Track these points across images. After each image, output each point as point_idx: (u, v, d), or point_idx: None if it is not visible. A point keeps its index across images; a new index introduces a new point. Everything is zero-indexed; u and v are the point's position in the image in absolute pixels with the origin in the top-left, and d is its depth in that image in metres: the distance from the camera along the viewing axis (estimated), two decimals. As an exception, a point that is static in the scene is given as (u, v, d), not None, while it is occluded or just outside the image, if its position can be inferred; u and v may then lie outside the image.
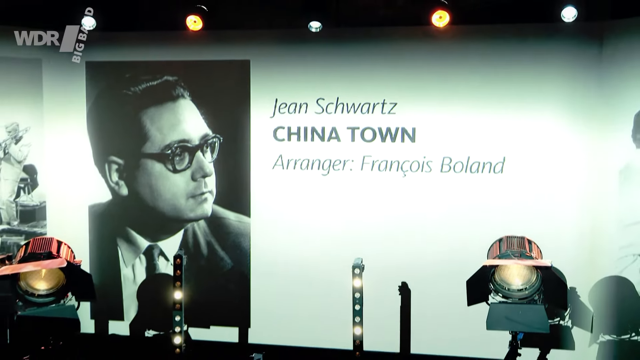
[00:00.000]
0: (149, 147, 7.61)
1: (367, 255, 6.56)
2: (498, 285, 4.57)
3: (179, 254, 5.18)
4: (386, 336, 7.21)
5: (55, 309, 4.04)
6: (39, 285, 4.06)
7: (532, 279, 4.55)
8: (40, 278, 4.04)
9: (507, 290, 4.58)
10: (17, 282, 3.96)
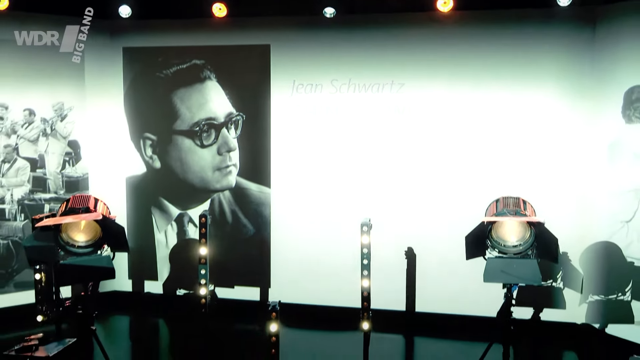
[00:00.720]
0: (179, 124, 7.94)
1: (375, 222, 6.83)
2: (494, 242, 4.65)
3: (204, 213, 5.46)
4: (393, 295, 7.48)
5: (93, 259, 4.31)
6: (78, 237, 4.33)
7: (526, 235, 4.61)
8: (79, 231, 4.33)
9: (502, 247, 4.65)
10: (59, 233, 4.25)
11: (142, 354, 7.21)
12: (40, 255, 4.28)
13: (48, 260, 4.46)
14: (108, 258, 4.41)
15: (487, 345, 5.20)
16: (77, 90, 7.87)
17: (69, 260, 4.31)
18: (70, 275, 4.32)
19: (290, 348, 7.09)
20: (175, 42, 7.90)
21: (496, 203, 4.78)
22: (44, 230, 4.22)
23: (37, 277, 5.01)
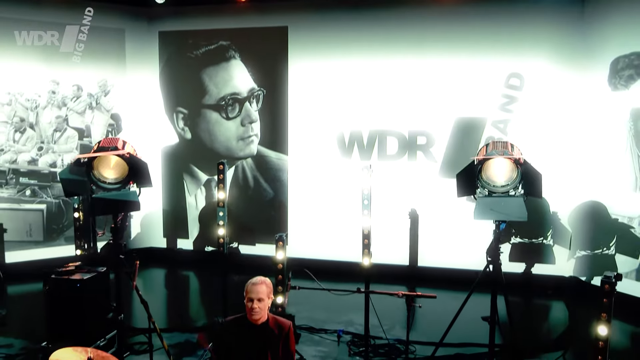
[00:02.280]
0: (208, 99, 8.02)
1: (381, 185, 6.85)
2: (484, 182, 4.49)
3: (222, 161, 5.44)
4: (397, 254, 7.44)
5: (121, 193, 4.36)
6: (107, 174, 4.37)
7: (513, 175, 4.40)
8: (109, 168, 4.38)
9: (492, 187, 4.51)
10: (92, 170, 4.32)
11: (174, 300, 7.32)
12: (74, 187, 4.36)
13: (81, 193, 4.53)
14: (134, 193, 4.45)
15: (481, 295, 4.98)
16: (119, 69, 8.01)
17: (100, 195, 4.37)
18: (101, 207, 4.38)
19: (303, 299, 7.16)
20: (204, 25, 7.99)
21: (486, 146, 4.64)
22: (78, 165, 4.30)
23: (76, 215, 5.10)
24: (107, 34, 7.88)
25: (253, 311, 3.24)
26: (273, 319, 3.39)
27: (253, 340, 3.29)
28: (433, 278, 7.16)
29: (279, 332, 3.36)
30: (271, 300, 3.35)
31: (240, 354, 3.28)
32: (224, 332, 3.36)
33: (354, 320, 5.87)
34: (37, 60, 7.41)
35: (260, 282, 3.29)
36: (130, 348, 5.17)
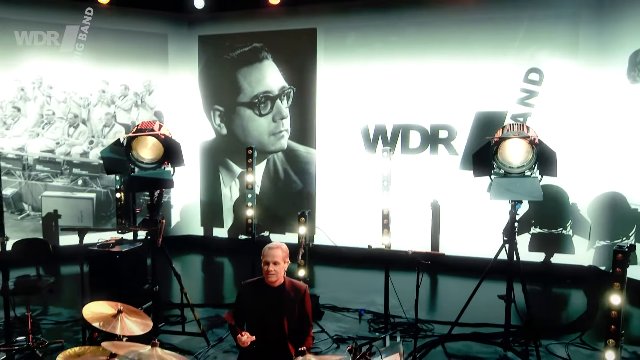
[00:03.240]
0: (242, 97, 8.10)
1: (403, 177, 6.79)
2: (500, 163, 4.33)
3: (251, 146, 5.47)
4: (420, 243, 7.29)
5: (157, 172, 4.45)
6: (144, 154, 4.46)
7: (529, 157, 4.24)
8: (146, 149, 4.48)
9: (507, 167, 4.36)
10: (130, 151, 4.42)
11: (209, 282, 7.38)
12: (114, 165, 4.47)
13: (120, 171, 4.63)
14: (169, 172, 4.54)
15: (500, 282, 4.80)
16: (161, 70, 8.19)
17: (138, 173, 4.46)
18: (139, 184, 4.47)
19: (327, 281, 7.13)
20: (239, 29, 8.09)
21: (502, 128, 4.49)
22: (118, 145, 4.41)
23: (118, 195, 5.21)
24: (152, 39, 8.08)
25: (269, 274, 3.23)
26: (289, 282, 3.37)
27: (270, 301, 3.27)
28: (454, 266, 6.98)
29: (295, 295, 3.34)
30: (287, 264, 3.33)
31: (257, 314, 3.26)
32: (243, 294, 3.35)
33: (376, 301, 5.77)
34: (90, 62, 7.65)
35: (276, 246, 3.28)
36: (166, 319, 5.24)
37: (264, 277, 3.28)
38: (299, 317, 3.32)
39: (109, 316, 2.93)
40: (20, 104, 7.40)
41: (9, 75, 7.28)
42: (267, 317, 3.24)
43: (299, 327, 3.30)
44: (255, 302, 3.27)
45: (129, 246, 4.78)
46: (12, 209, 7.42)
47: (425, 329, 5.18)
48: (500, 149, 4.38)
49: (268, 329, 3.22)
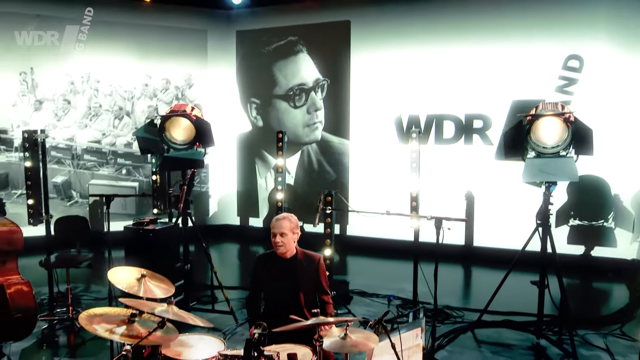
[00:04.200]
0: (277, 90, 8.12)
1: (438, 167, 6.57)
2: (533, 144, 4.10)
3: (281, 130, 5.44)
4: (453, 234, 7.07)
5: (189, 152, 4.50)
6: (177, 136, 4.53)
7: (564, 136, 3.95)
8: (179, 129, 4.54)
9: (541, 148, 4.10)
10: (164, 132, 4.50)
11: (245, 269, 7.41)
12: (148, 145, 4.55)
13: (154, 151, 4.70)
14: (200, 153, 4.58)
15: (534, 273, 4.54)
16: (201, 64, 8.33)
17: (170, 153, 4.52)
18: (171, 164, 4.53)
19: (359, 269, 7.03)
20: (275, 23, 8.12)
21: (535, 108, 4.24)
22: (151, 125, 4.48)
23: (154, 178, 5.30)
24: (192, 34, 8.24)
25: (277, 245, 3.18)
26: (302, 253, 3.30)
27: (283, 273, 3.21)
28: (488, 258, 6.74)
29: (309, 265, 3.27)
30: (297, 235, 3.25)
31: (272, 286, 3.21)
32: (258, 266, 3.31)
33: (405, 288, 5.62)
34: (134, 57, 7.88)
35: (283, 217, 3.23)
36: (198, 299, 5.28)
37: (274, 250, 3.24)
38: (315, 287, 3.25)
39: (133, 279, 2.95)
40: (70, 97, 7.70)
41: (61, 70, 7.58)
42: (282, 288, 3.19)
43: (316, 298, 3.23)
44: (269, 274, 3.22)
45: (161, 225, 4.85)
46: (62, 196, 7.72)
47: (455, 315, 4.98)
48: (533, 128, 4.15)
49: (284, 300, 3.16)
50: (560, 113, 4.02)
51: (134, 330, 2.59)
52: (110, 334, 2.51)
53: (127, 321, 2.65)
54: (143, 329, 2.60)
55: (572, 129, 4.02)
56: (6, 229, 3.59)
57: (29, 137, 4.68)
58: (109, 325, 2.59)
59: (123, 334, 2.54)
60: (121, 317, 2.67)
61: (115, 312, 2.74)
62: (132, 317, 2.66)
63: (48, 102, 7.58)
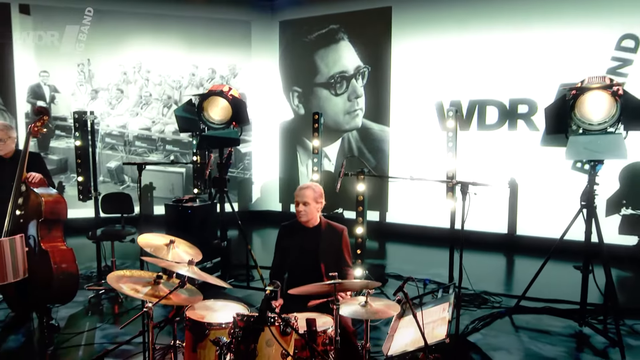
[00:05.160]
0: (319, 78, 8.05)
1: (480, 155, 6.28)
2: (578, 120, 3.78)
3: (317, 112, 5.36)
4: (496, 222, 6.79)
5: (225, 132, 4.52)
6: (214, 115, 4.57)
7: (612, 111, 3.64)
8: (216, 109, 4.57)
9: (587, 125, 3.76)
10: (202, 112, 4.54)
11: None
12: (186, 124, 4.60)
13: (192, 130, 4.76)
14: (236, 132, 4.58)
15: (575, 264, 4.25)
16: (245, 54, 8.39)
17: (208, 133, 4.56)
18: (209, 142, 4.57)
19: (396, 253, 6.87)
20: (316, 12, 8.05)
21: (582, 82, 3.93)
22: (190, 104, 4.53)
23: (194, 159, 5.37)
24: (236, 25, 8.31)
25: (299, 214, 3.13)
26: (326, 223, 3.23)
27: (305, 241, 3.16)
28: (532, 247, 6.39)
29: (332, 235, 3.19)
30: (320, 204, 3.17)
31: (294, 254, 3.16)
32: (280, 235, 3.27)
33: (442, 274, 5.41)
34: (181, 48, 8.05)
35: (307, 186, 3.15)
36: (236, 277, 5.31)
37: (297, 218, 3.18)
38: (337, 258, 3.16)
39: (161, 245, 2.97)
40: (123, 87, 7.96)
41: (115, 61, 7.85)
42: (304, 256, 3.14)
43: (337, 269, 3.13)
44: (291, 242, 3.18)
45: (199, 203, 4.90)
46: (115, 180, 8.01)
47: (492, 300, 4.74)
48: (578, 104, 3.84)
49: (306, 270, 3.09)
50: (607, 85, 3.70)
51: (159, 291, 2.61)
52: (135, 293, 2.53)
53: (152, 282, 2.67)
54: (167, 290, 2.61)
55: (620, 104, 3.69)
56: (52, 199, 3.72)
57: (79, 118, 4.84)
58: (135, 285, 2.62)
59: (147, 293, 2.56)
60: (147, 279, 2.70)
61: (142, 274, 2.76)
62: (158, 279, 2.68)
63: (103, 91, 7.88)
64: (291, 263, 3.17)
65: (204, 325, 2.63)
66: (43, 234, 3.66)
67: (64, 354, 3.63)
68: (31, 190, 3.70)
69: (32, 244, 3.63)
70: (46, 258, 3.60)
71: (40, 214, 3.64)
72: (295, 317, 2.34)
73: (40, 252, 3.62)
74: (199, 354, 2.67)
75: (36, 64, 7.54)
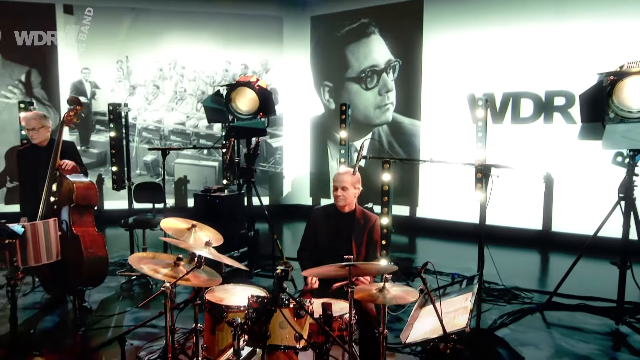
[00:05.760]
0: (349, 72, 7.97)
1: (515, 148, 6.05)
2: (615, 108, 3.56)
3: (345, 102, 5.30)
4: (530, 218, 6.55)
5: (252, 122, 4.53)
6: (242, 106, 4.59)
7: None
8: (244, 99, 4.58)
9: (626, 112, 3.54)
10: (230, 103, 4.56)
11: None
12: (215, 115, 4.63)
13: (220, 120, 4.78)
14: (263, 122, 4.58)
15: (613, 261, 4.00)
16: (277, 50, 8.40)
17: (236, 123, 4.57)
18: (237, 132, 4.58)
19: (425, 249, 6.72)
20: (347, 7, 7.97)
21: (620, 67, 3.71)
22: (218, 95, 4.55)
23: (224, 151, 5.40)
24: (269, 21, 8.33)
25: (337, 198, 3.09)
26: (361, 211, 3.19)
27: (339, 225, 3.13)
28: (568, 244, 6.09)
29: (365, 223, 3.14)
30: (358, 190, 3.13)
31: (326, 237, 3.13)
32: (313, 218, 3.24)
33: (471, 268, 5.24)
34: (215, 44, 8.14)
35: (345, 171, 3.11)
36: (262, 267, 5.31)
37: (334, 202, 3.15)
38: (367, 246, 3.11)
39: (183, 229, 2.98)
40: (159, 82, 8.13)
41: (151, 57, 8.03)
42: (336, 240, 3.10)
43: (366, 257, 3.09)
44: (324, 226, 3.16)
45: (226, 193, 4.92)
46: (151, 173, 8.18)
47: (523, 296, 4.54)
48: (616, 90, 3.63)
49: (336, 254, 3.03)
50: (647, 70, 3.47)
51: (178, 272, 2.61)
52: (154, 273, 2.54)
53: (172, 264, 2.68)
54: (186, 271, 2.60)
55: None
56: (83, 185, 3.81)
57: (113, 110, 4.95)
58: (155, 266, 2.63)
59: (166, 274, 2.56)
60: (168, 261, 2.71)
61: (164, 257, 2.78)
62: (178, 261, 2.68)
63: (140, 87, 8.06)
64: (321, 245, 3.14)
65: (222, 308, 2.62)
66: (75, 219, 3.76)
67: (94, 335, 3.71)
68: (64, 177, 3.80)
69: (64, 228, 3.73)
70: (77, 242, 3.69)
71: (71, 200, 3.74)
72: (311, 301, 2.28)
73: (71, 236, 3.71)
74: (217, 336, 2.66)
75: (78, 61, 7.80)
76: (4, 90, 7.56)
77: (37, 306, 4.19)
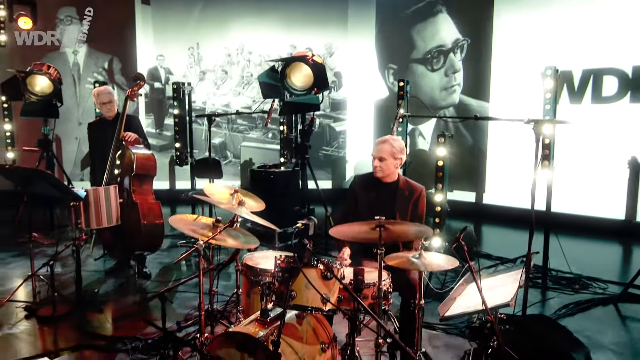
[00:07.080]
0: (415, 54, 7.67)
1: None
2: None
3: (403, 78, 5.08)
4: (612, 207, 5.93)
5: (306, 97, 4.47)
6: (296, 82, 4.55)
7: None
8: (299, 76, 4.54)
9: None
10: (285, 78, 4.53)
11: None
12: (269, 90, 4.63)
13: (275, 95, 4.77)
14: (317, 97, 4.51)
15: None
16: (341, 33, 8.29)
17: (290, 99, 4.54)
18: (290, 108, 4.56)
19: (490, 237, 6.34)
20: (414, -15, 7.64)
21: None
22: (273, 71, 4.54)
23: (281, 128, 5.41)
24: (333, 4, 8.23)
25: (375, 169, 2.93)
26: (405, 181, 3.00)
27: (381, 195, 2.96)
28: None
29: (409, 193, 2.95)
30: (398, 161, 2.93)
31: (368, 207, 2.97)
32: (354, 185, 3.11)
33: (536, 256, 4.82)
34: (280, 28, 8.19)
35: (384, 140, 2.93)
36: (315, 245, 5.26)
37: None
38: (412, 217, 2.91)
39: (226, 194, 2.98)
40: (227, 68, 8.33)
41: (220, 44, 8.24)
42: (378, 209, 2.91)
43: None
44: (366, 195, 3.00)
45: (284, 169, 4.91)
46: (219, 156, 8.43)
47: (595, 285, 4.10)
48: None
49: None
50: None
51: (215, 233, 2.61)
52: (192, 232, 2.56)
53: (211, 225, 2.68)
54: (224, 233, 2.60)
55: None
56: (142, 156, 3.97)
57: (177, 88, 5.12)
58: (194, 227, 2.65)
59: (204, 234, 2.57)
60: (207, 223, 2.72)
61: (204, 219, 2.80)
62: (217, 222, 2.68)
63: (209, 72, 8.31)
64: (361, 215, 2.99)
65: (257, 271, 2.59)
66: (135, 187, 3.93)
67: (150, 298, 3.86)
68: (126, 148, 3.98)
69: (125, 196, 3.91)
70: (135, 209, 3.85)
71: (132, 169, 3.90)
72: (342, 264, 2.17)
73: (131, 203, 3.88)
74: (252, 299, 2.64)
75: (154, 48, 8.19)
76: (90, 77, 8.13)
77: (103, 271, 4.46)
